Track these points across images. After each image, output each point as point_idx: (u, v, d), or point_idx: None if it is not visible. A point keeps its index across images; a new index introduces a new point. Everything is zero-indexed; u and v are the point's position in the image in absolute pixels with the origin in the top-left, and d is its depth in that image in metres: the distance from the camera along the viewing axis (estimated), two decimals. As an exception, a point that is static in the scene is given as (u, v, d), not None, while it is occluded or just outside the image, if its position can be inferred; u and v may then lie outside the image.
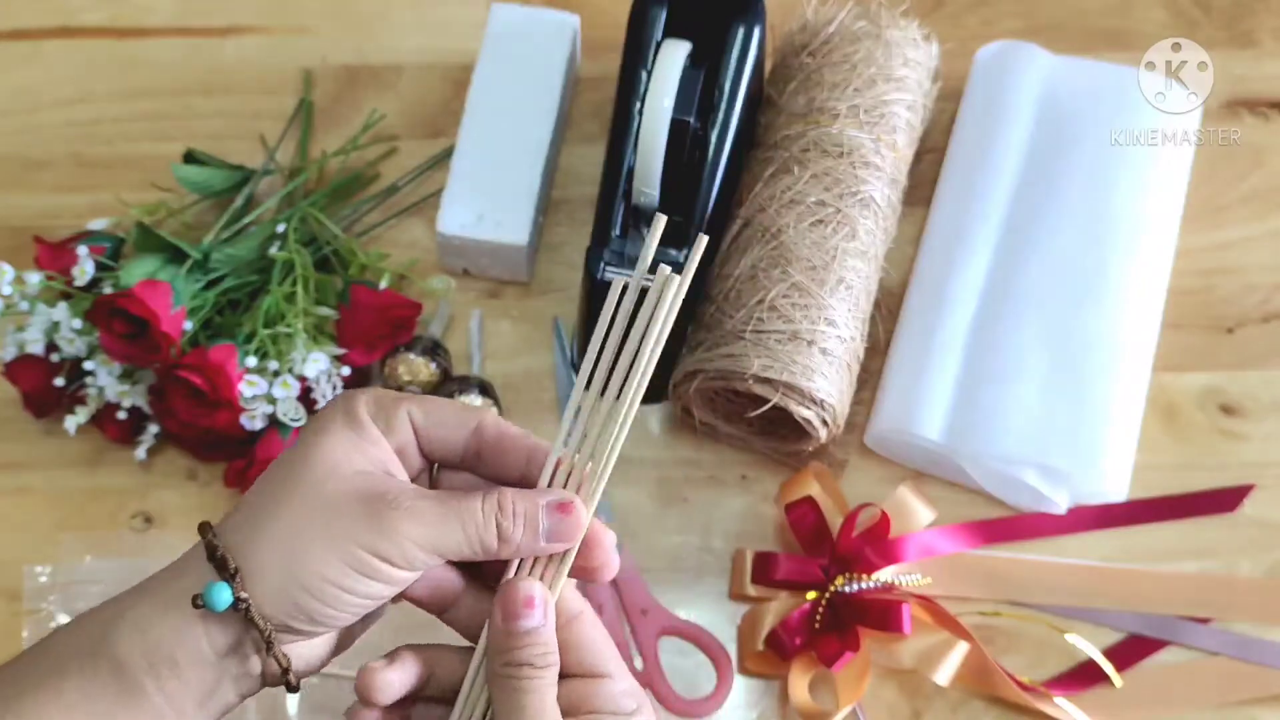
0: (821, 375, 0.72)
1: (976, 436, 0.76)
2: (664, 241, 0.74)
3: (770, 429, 0.77)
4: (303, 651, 0.47)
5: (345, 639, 0.50)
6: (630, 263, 0.73)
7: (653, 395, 0.80)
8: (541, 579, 0.48)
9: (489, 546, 0.46)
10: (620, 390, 0.48)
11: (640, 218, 0.74)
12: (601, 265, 0.73)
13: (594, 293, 0.74)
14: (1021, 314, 0.79)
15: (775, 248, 0.74)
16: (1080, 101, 0.84)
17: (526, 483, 0.48)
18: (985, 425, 0.76)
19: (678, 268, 0.47)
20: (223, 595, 0.43)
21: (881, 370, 0.80)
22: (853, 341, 0.75)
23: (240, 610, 0.44)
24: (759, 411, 0.73)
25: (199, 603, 0.44)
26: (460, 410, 0.48)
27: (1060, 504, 0.77)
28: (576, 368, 0.82)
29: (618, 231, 0.74)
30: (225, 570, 0.44)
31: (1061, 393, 0.77)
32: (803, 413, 0.72)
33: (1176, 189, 0.83)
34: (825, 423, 0.73)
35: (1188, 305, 0.84)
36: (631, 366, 0.47)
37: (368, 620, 0.49)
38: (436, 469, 0.50)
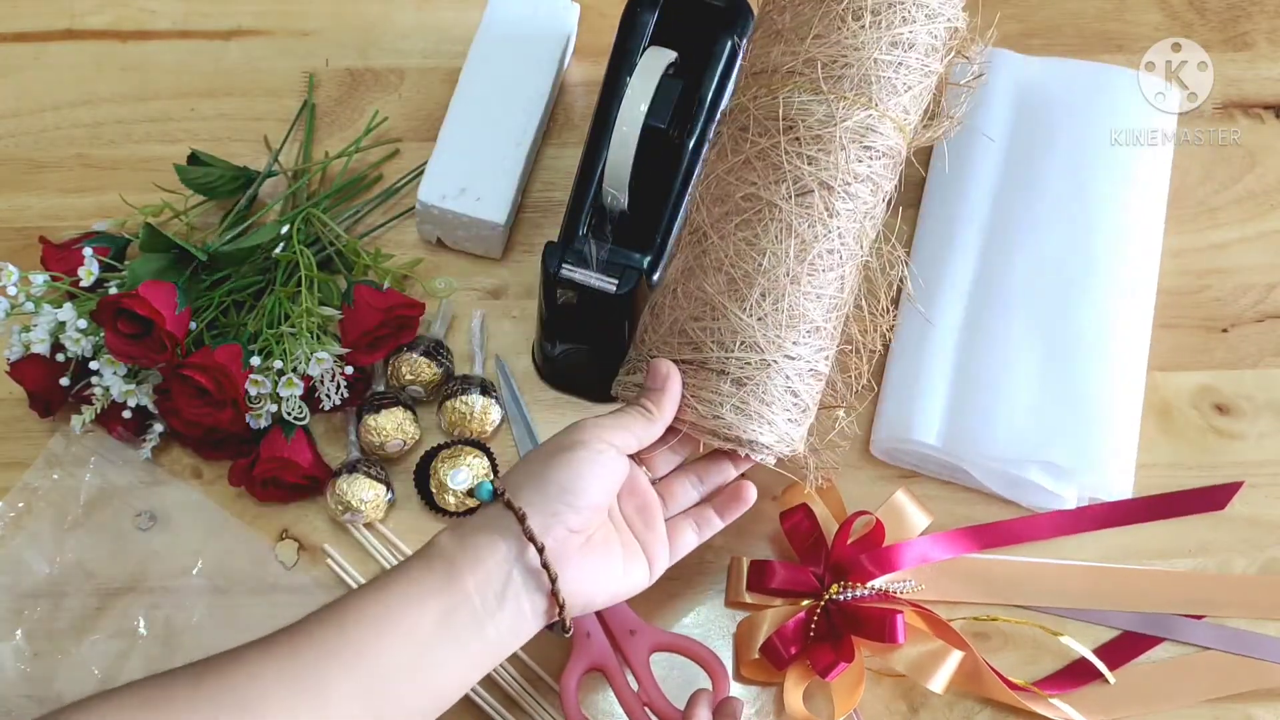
0: (736, 410, 0.64)
1: (973, 438, 0.77)
2: (628, 245, 0.74)
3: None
4: (580, 588, 0.61)
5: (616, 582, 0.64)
6: (590, 264, 0.72)
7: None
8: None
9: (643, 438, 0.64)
10: None
11: (608, 220, 0.74)
12: (558, 262, 0.72)
13: (548, 287, 0.74)
14: (1010, 314, 0.80)
15: (700, 253, 0.67)
16: (1068, 103, 0.84)
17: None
18: (980, 427, 0.77)
19: None
20: (486, 487, 0.62)
21: (882, 378, 0.80)
22: (797, 360, 0.65)
23: (500, 496, 0.61)
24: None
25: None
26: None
27: (1069, 499, 0.78)
28: (537, 365, 0.82)
29: (583, 231, 0.74)
30: (496, 479, 0.64)
31: (1054, 390, 0.78)
32: (741, 450, 0.65)
33: (1159, 187, 0.84)
34: (774, 451, 0.66)
35: (1182, 305, 0.85)
36: None
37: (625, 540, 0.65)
38: None
